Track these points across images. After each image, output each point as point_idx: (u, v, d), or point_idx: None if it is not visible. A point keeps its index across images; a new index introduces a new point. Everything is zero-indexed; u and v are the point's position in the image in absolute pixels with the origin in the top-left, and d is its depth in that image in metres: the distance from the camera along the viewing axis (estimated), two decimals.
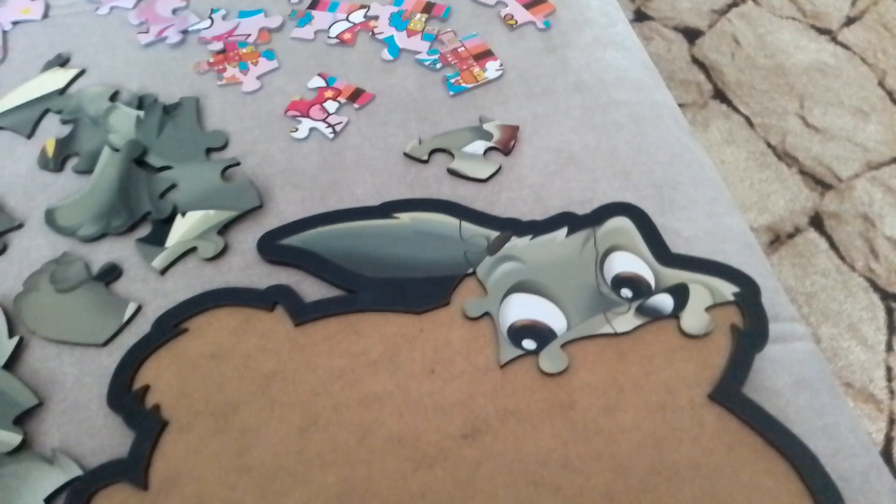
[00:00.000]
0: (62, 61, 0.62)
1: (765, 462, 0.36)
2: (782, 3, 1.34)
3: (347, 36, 0.61)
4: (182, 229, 0.48)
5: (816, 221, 1.02)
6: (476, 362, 0.42)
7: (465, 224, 0.47)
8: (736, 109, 1.17)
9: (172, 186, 0.50)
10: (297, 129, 0.54)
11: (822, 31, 1.28)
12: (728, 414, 0.38)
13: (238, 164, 0.52)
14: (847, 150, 1.12)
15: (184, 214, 0.49)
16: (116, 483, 0.38)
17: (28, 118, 0.58)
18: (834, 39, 1.27)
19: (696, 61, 1.29)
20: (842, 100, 1.19)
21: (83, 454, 0.40)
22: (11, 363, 0.43)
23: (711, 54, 1.26)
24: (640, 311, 0.42)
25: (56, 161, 0.54)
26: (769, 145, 1.13)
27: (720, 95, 1.20)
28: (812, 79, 1.21)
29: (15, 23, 0.67)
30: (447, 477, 0.37)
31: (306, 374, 0.42)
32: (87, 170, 0.53)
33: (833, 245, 0.99)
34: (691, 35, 1.27)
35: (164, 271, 0.47)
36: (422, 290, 0.44)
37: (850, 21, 1.30)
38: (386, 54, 0.60)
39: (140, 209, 0.49)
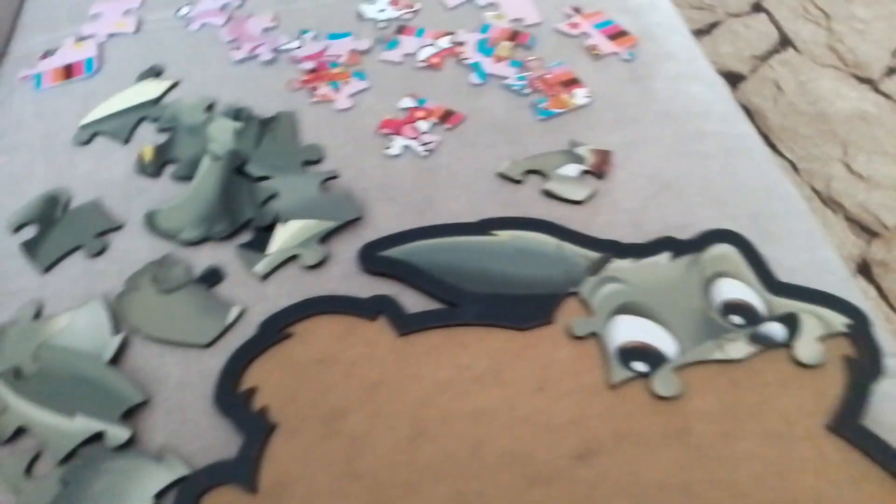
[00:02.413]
0: (156, 72, 0.64)
1: (893, 498, 0.36)
2: (823, 51, 1.37)
3: (435, 60, 0.63)
4: (284, 237, 0.49)
5: (864, 269, 1.02)
6: (585, 382, 0.41)
7: (565, 244, 0.48)
8: (781, 154, 1.18)
9: (273, 196, 0.51)
10: (390, 147, 0.56)
11: (863, 80, 1.30)
12: (849, 446, 0.37)
13: (336, 176, 0.53)
14: (892, 199, 1.12)
15: (284, 223, 0.50)
16: (226, 484, 0.38)
17: (124, 125, 0.59)
18: (875, 89, 1.29)
19: (740, 105, 1.32)
20: (886, 148, 1.19)
21: (189, 454, 0.39)
22: (115, 361, 0.44)
23: (754, 99, 1.28)
24: (752, 338, 0.41)
25: (154, 167, 0.55)
26: (814, 191, 1.14)
27: (764, 139, 1.21)
28: (855, 126, 1.23)
29: (110, 35, 0.70)
30: (563, 496, 0.37)
31: (412, 384, 0.42)
32: (185, 176, 0.54)
33: (882, 293, 0.99)
34: (733, 80, 1.29)
35: (265, 277, 0.47)
36: (525, 306, 0.44)
37: (891, 71, 1.32)
38: (474, 78, 0.61)
39: (242, 216, 0.50)
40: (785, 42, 1.33)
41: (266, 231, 0.49)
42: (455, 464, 0.38)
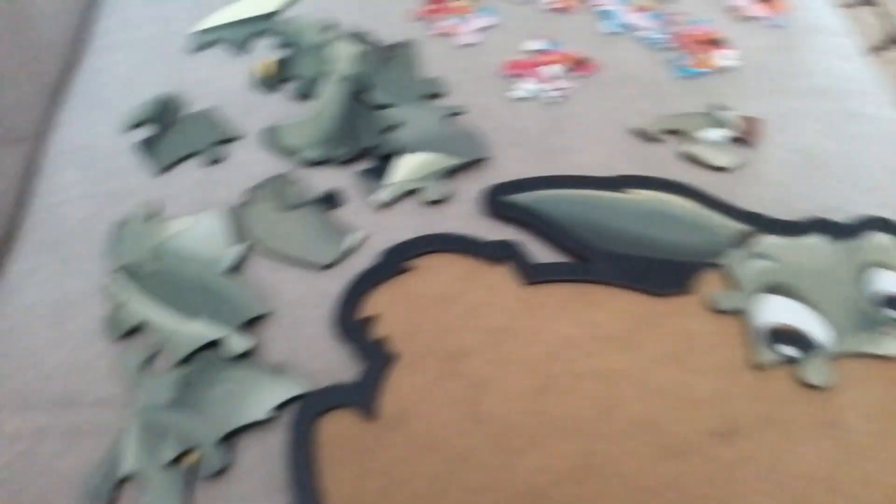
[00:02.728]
0: None
1: None
2: None
3: (564, 3, 0.59)
4: (406, 168, 0.46)
5: None
6: (726, 358, 0.39)
7: (706, 211, 0.44)
8: None
9: (395, 125, 0.49)
10: (516, 89, 0.53)
11: None
12: None
13: (462, 112, 0.50)
14: None
15: (407, 154, 0.47)
16: (344, 407, 0.37)
17: (241, 36, 0.57)
18: None
19: None
20: None
21: (305, 372, 0.38)
22: (234, 271, 0.42)
23: None
24: None
25: (274, 82, 0.53)
26: None
27: None
28: None
29: None
30: (699, 472, 0.35)
31: (538, 335, 0.40)
32: (304, 95, 0.52)
33: None
34: None
35: (384, 207, 0.46)
36: (663, 271, 0.42)
37: None
38: (606, 27, 0.57)
39: (363, 142, 0.48)
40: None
41: (388, 160, 0.47)
42: (584, 423, 0.36)
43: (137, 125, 0.51)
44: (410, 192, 0.46)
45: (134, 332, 0.40)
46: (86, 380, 0.39)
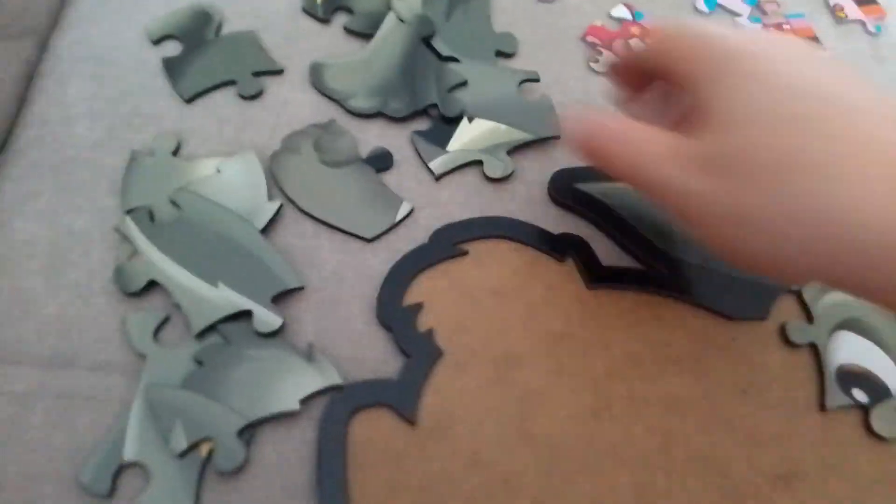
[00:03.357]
0: None
1: None
2: None
3: None
4: (468, 136, 0.41)
5: None
6: (795, 396, 0.36)
7: None
8: None
9: (461, 83, 0.43)
10: (598, 61, 0.47)
11: None
12: None
13: (537, 79, 0.45)
14: None
15: (471, 120, 0.42)
16: (381, 407, 0.33)
17: None
18: None
19: None
20: None
21: (339, 359, 0.34)
22: (266, 231, 0.37)
23: None
24: None
25: (325, 8, 0.46)
26: None
27: None
28: None
29: None
30: None
31: (599, 347, 0.36)
32: (360, 31, 0.45)
33: None
34: None
35: (439, 177, 0.41)
36: (740, 293, 0.38)
37: None
38: (701, 4, 0.51)
39: (425, 98, 0.42)
40: None
41: (449, 123, 0.42)
42: (641, 452, 0.33)
43: (163, 38, 0.44)
44: (470, 164, 0.42)
45: (146, 289, 0.35)
46: (85, 339, 0.34)
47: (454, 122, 0.42)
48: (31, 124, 0.41)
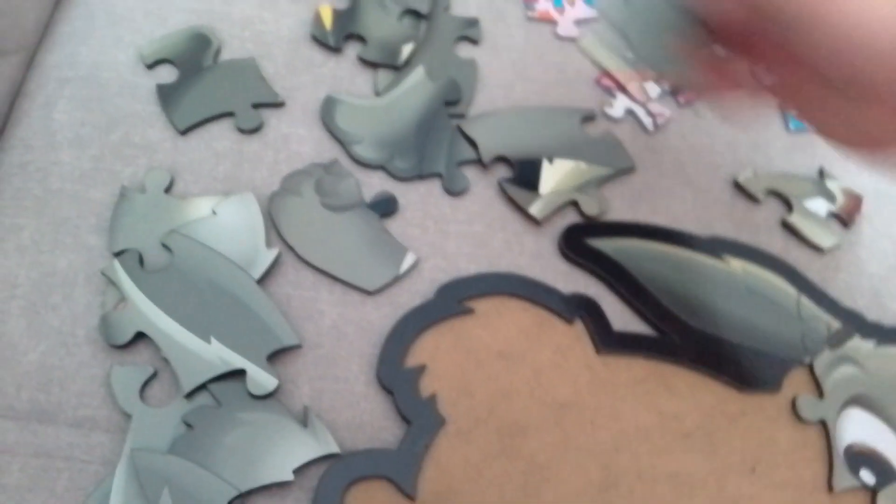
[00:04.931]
0: None
1: None
2: None
3: None
4: (555, 177, 0.40)
5: None
6: (803, 475, 0.35)
7: (804, 300, 0.40)
8: None
9: (471, 161, 0.40)
10: (612, 105, 0.46)
11: None
12: None
13: (595, 116, 0.44)
14: None
15: (551, 161, 0.41)
16: (379, 479, 0.32)
17: None
18: None
19: None
20: None
21: (335, 424, 0.32)
22: (262, 280, 0.35)
23: None
24: None
25: (336, 37, 0.44)
26: None
27: None
28: None
29: None
30: None
31: (608, 419, 0.35)
32: (374, 60, 0.43)
33: None
34: None
35: (542, 221, 0.39)
36: (751, 364, 0.37)
37: None
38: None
39: (432, 166, 0.40)
40: None
41: (529, 167, 0.40)
42: None
43: (158, 62, 0.41)
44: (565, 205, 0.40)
45: (133, 340, 0.32)
46: (67, 392, 0.32)
47: (536, 165, 0.40)
48: (14, 148, 0.39)
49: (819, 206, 0.44)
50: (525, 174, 0.41)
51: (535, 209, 0.39)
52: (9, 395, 0.32)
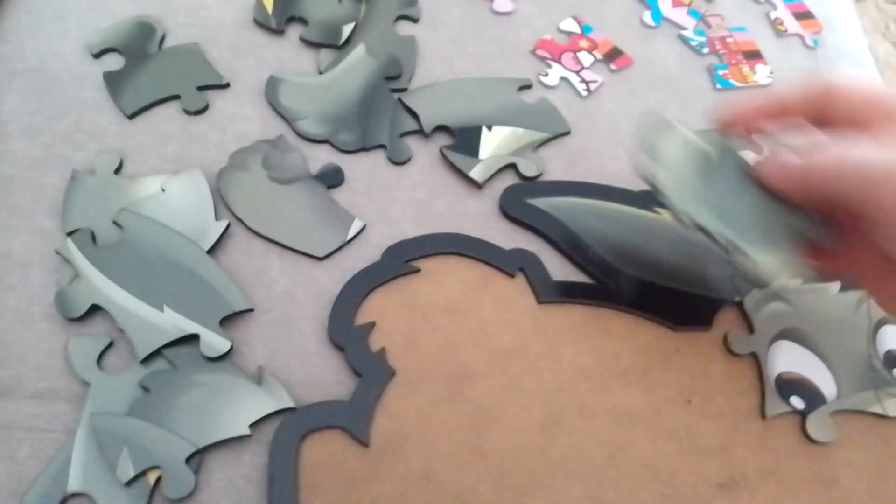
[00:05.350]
0: None
1: None
2: None
3: None
4: (494, 143, 0.42)
5: None
6: (737, 405, 0.37)
7: None
8: None
9: (413, 132, 0.42)
10: (546, 74, 0.48)
11: None
12: None
13: (531, 85, 0.46)
14: None
15: (490, 128, 0.42)
16: (333, 429, 0.33)
17: None
18: None
19: None
20: None
21: (290, 382, 0.34)
22: (213, 251, 0.37)
23: None
24: None
25: (278, 19, 0.45)
26: None
27: None
28: None
29: None
30: None
31: (549, 362, 0.37)
32: (316, 41, 0.44)
33: None
34: None
35: (483, 184, 0.41)
36: (684, 304, 0.39)
37: None
38: (648, 18, 0.52)
39: (375, 138, 0.42)
40: None
41: (468, 134, 0.42)
42: (590, 465, 0.34)
43: (104, 51, 0.43)
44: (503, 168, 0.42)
45: (89, 314, 0.34)
46: (25, 366, 0.33)
47: (475, 132, 0.42)
48: None
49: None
50: (465, 141, 0.43)
51: (476, 173, 0.41)
52: None
